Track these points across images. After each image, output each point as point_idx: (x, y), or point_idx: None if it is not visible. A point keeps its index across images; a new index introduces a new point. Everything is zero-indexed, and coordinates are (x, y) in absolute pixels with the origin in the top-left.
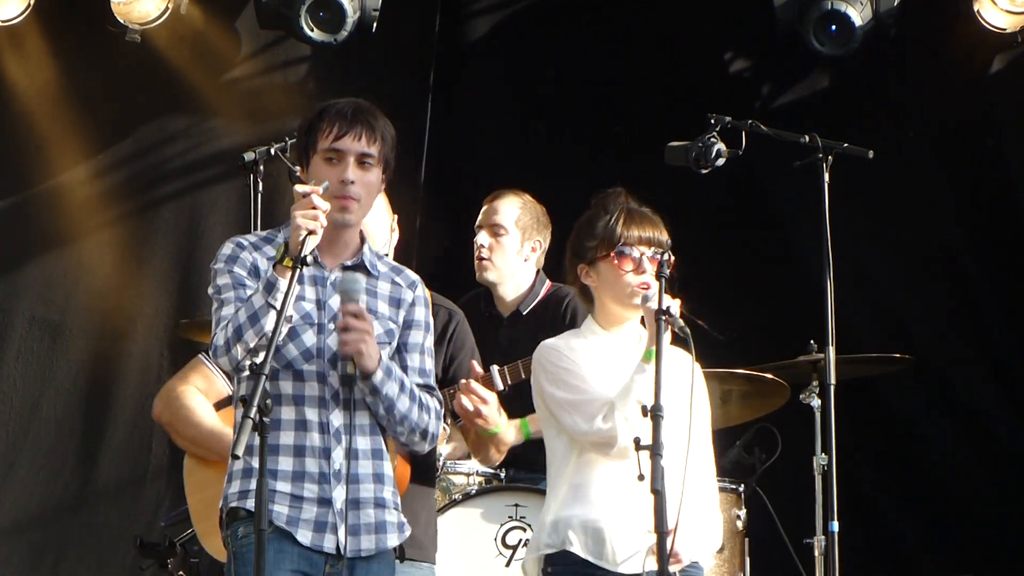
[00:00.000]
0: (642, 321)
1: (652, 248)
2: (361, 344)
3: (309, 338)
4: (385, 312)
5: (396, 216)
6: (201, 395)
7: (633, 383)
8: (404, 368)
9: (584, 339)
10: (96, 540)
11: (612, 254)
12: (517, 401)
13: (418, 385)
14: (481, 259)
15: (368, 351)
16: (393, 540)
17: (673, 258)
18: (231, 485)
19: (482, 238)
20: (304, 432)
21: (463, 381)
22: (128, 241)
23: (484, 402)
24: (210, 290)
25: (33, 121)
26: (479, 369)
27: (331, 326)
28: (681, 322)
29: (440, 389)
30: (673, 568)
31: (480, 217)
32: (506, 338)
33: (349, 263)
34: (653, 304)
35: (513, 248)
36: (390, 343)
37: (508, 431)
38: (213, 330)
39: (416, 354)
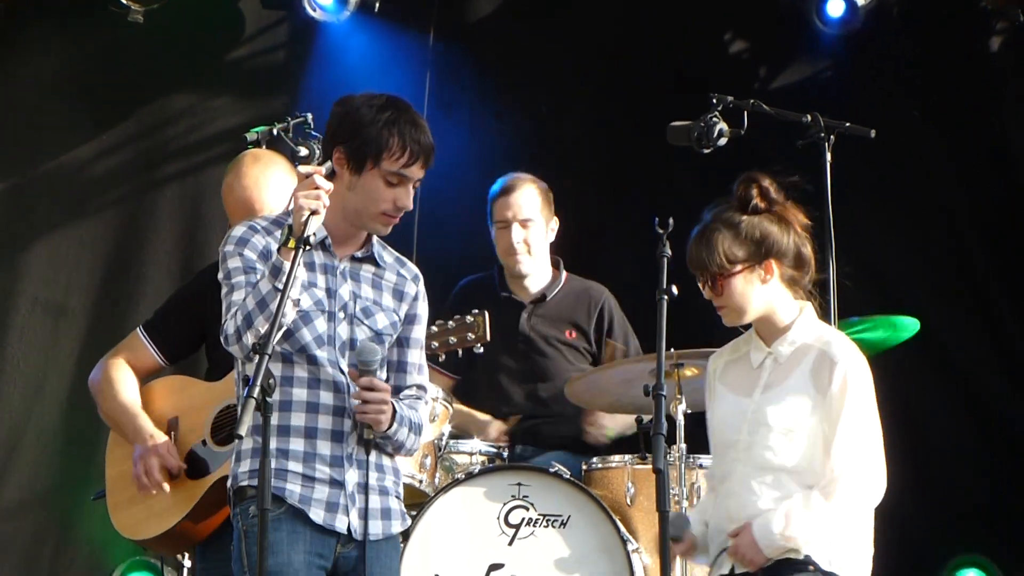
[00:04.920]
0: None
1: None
2: (379, 415)
3: (321, 325)
4: (390, 305)
5: None
6: (128, 368)
7: None
8: (404, 364)
9: None
10: (100, 520)
11: None
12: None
13: (416, 385)
14: (518, 254)
15: (384, 419)
16: (398, 527)
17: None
18: (240, 464)
19: (516, 234)
20: (316, 414)
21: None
22: (131, 222)
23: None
24: (220, 275)
25: (35, 102)
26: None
27: (340, 315)
28: None
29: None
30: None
31: (506, 211)
32: (532, 324)
33: (359, 254)
34: None
35: (542, 235)
36: (393, 335)
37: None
38: (223, 315)
39: (416, 350)
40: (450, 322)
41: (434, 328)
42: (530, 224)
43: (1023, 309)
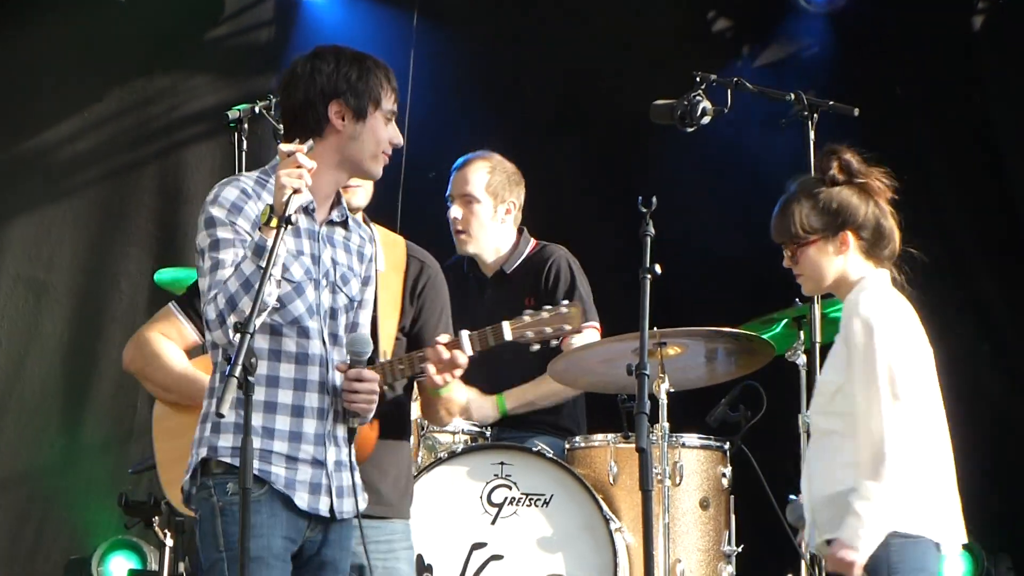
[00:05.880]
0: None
1: None
2: (370, 406)
3: (311, 294)
4: (357, 268)
5: None
6: (170, 341)
7: None
8: (356, 325)
9: None
10: (82, 498)
11: None
12: (484, 370)
13: None
14: (458, 232)
15: (373, 408)
16: (363, 503)
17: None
18: (221, 438)
19: (455, 211)
20: (303, 392)
21: (430, 348)
22: (113, 199)
23: (452, 370)
24: (205, 240)
25: (18, 79)
26: (444, 339)
27: (323, 282)
28: None
29: (408, 343)
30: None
31: (450, 187)
32: (491, 299)
33: (335, 217)
34: None
35: (487, 215)
36: (361, 299)
37: (459, 392)
38: (203, 292)
39: (367, 311)
40: (543, 312)
41: (526, 317)
42: (472, 202)
43: (1006, 286)
